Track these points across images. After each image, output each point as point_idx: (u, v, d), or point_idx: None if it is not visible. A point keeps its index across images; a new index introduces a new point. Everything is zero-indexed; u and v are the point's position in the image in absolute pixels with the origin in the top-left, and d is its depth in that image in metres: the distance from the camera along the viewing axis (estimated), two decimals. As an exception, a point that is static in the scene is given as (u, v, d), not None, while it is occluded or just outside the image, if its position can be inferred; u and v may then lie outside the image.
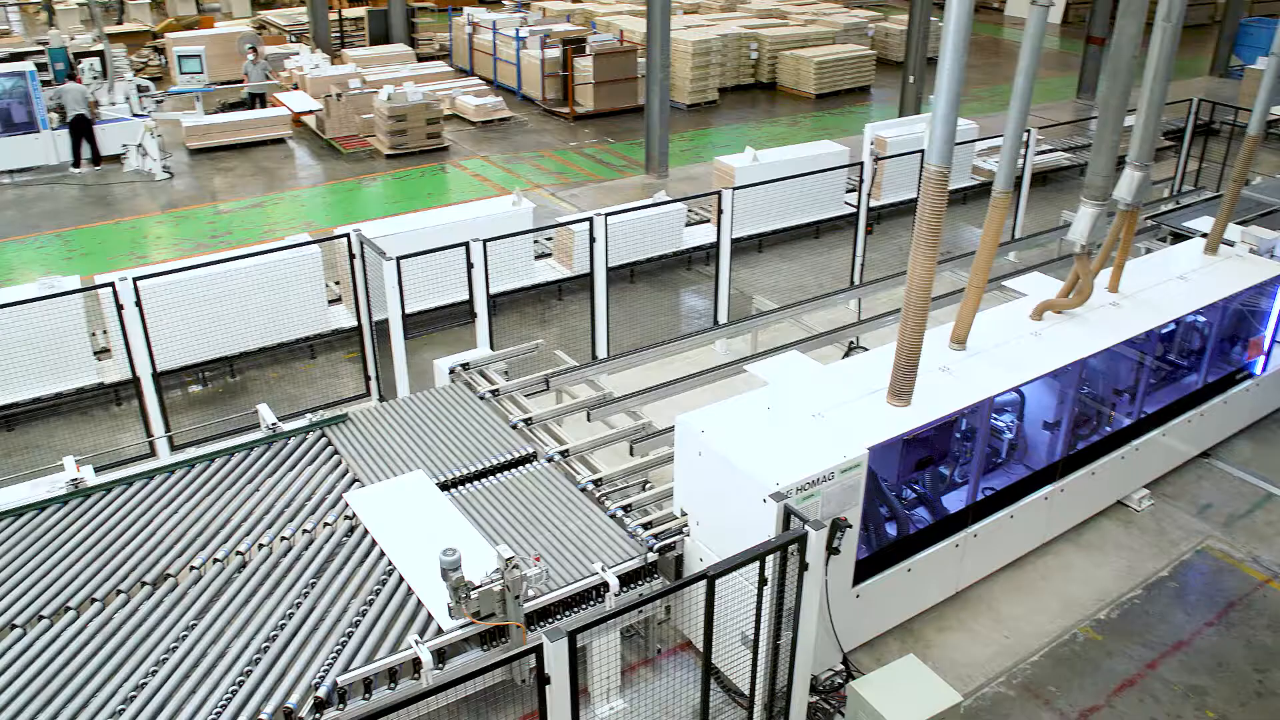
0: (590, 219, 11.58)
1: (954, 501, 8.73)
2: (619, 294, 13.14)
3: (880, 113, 24.89)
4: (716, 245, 12.69)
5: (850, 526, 7.21)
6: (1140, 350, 9.73)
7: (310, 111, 22.90)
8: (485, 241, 10.65)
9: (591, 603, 7.18)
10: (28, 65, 20.28)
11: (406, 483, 8.16)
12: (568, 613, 7.09)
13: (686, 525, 7.61)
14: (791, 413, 7.68)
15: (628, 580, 7.32)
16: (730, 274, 12.83)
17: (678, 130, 22.14)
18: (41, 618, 6.89)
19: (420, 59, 28.15)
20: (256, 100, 23.59)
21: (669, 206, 15.01)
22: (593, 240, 11.55)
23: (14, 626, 6.83)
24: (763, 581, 6.39)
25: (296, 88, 24.58)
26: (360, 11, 31.25)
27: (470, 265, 10.65)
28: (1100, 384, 9.84)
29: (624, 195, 18.27)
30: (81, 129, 20.13)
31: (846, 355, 11.31)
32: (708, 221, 15.93)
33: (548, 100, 25.00)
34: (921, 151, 13.75)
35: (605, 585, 7.13)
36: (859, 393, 7.99)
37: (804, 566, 6.46)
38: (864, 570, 7.79)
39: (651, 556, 7.42)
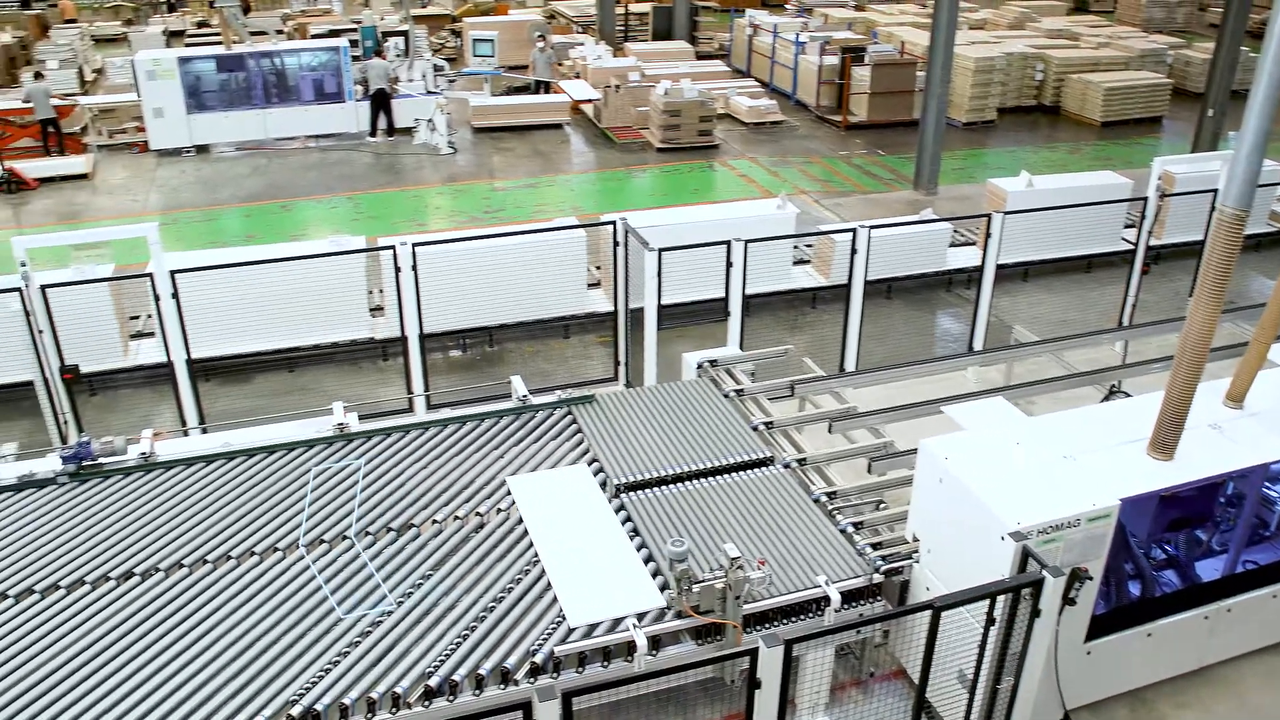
0: (853, 230, 11.47)
1: (1209, 570, 8.15)
2: (874, 308, 12.95)
3: (1170, 146, 23.35)
4: (980, 269, 12.30)
5: (1090, 578, 6.84)
6: None
7: (589, 100, 23.70)
8: (746, 242, 10.74)
9: (810, 614, 7.13)
10: (341, 41, 22.05)
11: (572, 477, 8.29)
12: (785, 620, 7.07)
13: (917, 551, 7.44)
14: (1043, 451, 7.37)
15: (850, 598, 7.22)
16: (991, 300, 12.41)
17: (951, 148, 21.52)
18: (297, 546, 7.49)
19: (699, 57, 28.61)
20: (540, 86, 24.58)
21: (935, 225, 14.67)
22: (854, 252, 11.43)
23: (275, 549, 7.44)
24: (990, 621, 6.18)
25: (578, 76, 25.48)
26: (646, 7, 32.07)
27: (729, 264, 10.76)
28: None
29: (889, 209, 17.98)
30: (381, 102, 21.63)
31: (1106, 399, 10.73)
32: (973, 244, 15.45)
33: (821, 107, 24.86)
34: (1214, 191, 12.84)
35: (826, 599, 7.06)
36: (1117, 440, 7.57)
37: (1036, 613, 6.22)
38: (1099, 626, 7.39)
39: (877, 577, 7.29)
